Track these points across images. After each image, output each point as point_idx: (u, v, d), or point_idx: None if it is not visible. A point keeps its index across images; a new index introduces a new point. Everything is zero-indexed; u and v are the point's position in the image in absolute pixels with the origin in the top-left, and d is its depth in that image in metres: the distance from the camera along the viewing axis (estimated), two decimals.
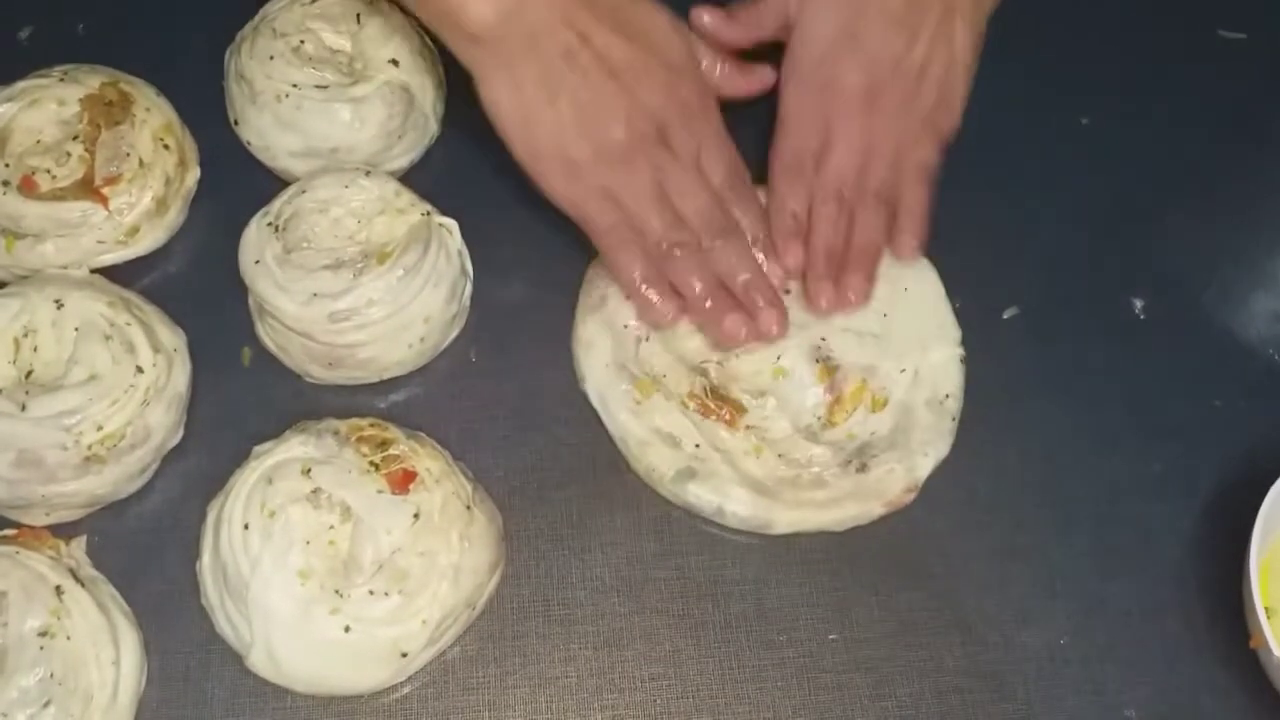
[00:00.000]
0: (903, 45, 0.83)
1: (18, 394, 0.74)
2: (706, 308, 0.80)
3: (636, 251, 0.80)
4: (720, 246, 0.80)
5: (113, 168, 0.83)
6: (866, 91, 0.83)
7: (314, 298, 0.77)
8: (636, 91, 0.78)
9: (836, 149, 0.83)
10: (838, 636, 0.76)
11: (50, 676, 0.68)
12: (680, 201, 0.80)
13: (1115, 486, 0.80)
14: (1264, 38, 0.98)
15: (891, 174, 0.83)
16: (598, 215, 0.79)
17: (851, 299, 0.81)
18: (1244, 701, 0.74)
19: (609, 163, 0.78)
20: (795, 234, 0.82)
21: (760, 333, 0.80)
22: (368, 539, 0.71)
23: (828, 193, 0.83)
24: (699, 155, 0.81)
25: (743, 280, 0.80)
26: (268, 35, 0.87)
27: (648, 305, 0.80)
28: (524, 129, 0.78)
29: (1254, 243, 0.91)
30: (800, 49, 0.85)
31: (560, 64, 0.76)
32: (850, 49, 0.83)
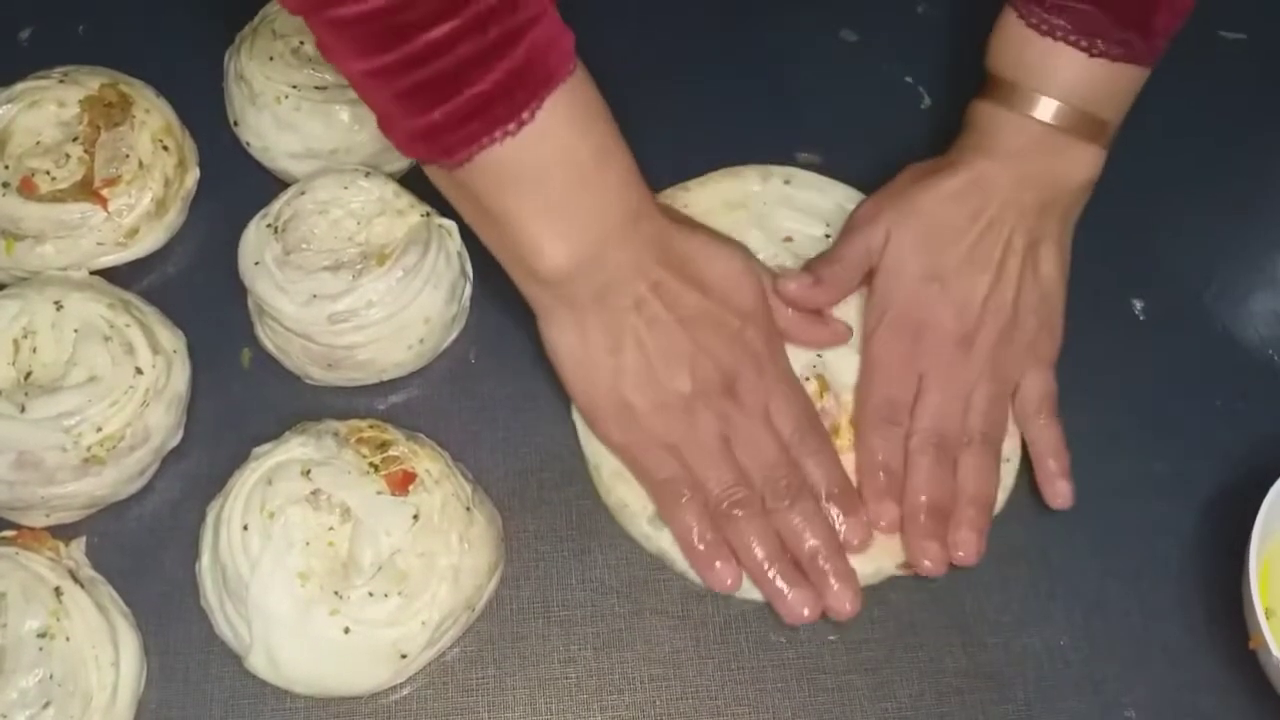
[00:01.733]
0: (989, 282, 0.80)
1: (17, 395, 0.74)
2: (768, 578, 0.75)
3: (694, 509, 0.76)
4: (788, 509, 0.75)
5: (112, 169, 0.83)
6: (960, 333, 0.79)
7: (313, 299, 0.78)
8: (704, 341, 0.76)
9: (932, 394, 0.79)
10: (837, 638, 0.75)
11: (50, 677, 0.68)
12: (745, 456, 0.76)
13: (1115, 486, 0.80)
14: (1264, 38, 0.98)
15: (997, 414, 0.79)
16: (655, 467, 0.76)
17: (962, 556, 0.76)
18: (1244, 701, 0.74)
19: (671, 413, 0.76)
20: (887, 491, 0.77)
21: (830, 610, 0.74)
22: (367, 540, 0.71)
23: (925, 440, 0.78)
24: (767, 405, 0.77)
25: (810, 548, 0.75)
26: (267, 36, 0.87)
27: (708, 570, 0.76)
28: (584, 373, 0.76)
29: (1254, 243, 0.91)
30: (885, 294, 0.81)
31: (629, 313, 0.74)
32: (938, 292, 0.80)
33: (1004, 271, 0.80)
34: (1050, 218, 0.81)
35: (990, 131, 0.81)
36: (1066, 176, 0.81)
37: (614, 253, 0.73)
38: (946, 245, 0.80)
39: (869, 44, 0.98)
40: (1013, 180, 0.80)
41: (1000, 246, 0.80)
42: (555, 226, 0.71)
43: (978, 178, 0.80)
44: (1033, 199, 0.80)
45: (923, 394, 0.79)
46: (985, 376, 0.79)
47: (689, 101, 0.93)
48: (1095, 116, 0.80)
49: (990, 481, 0.78)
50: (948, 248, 0.80)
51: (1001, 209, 0.80)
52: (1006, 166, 0.80)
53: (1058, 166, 0.80)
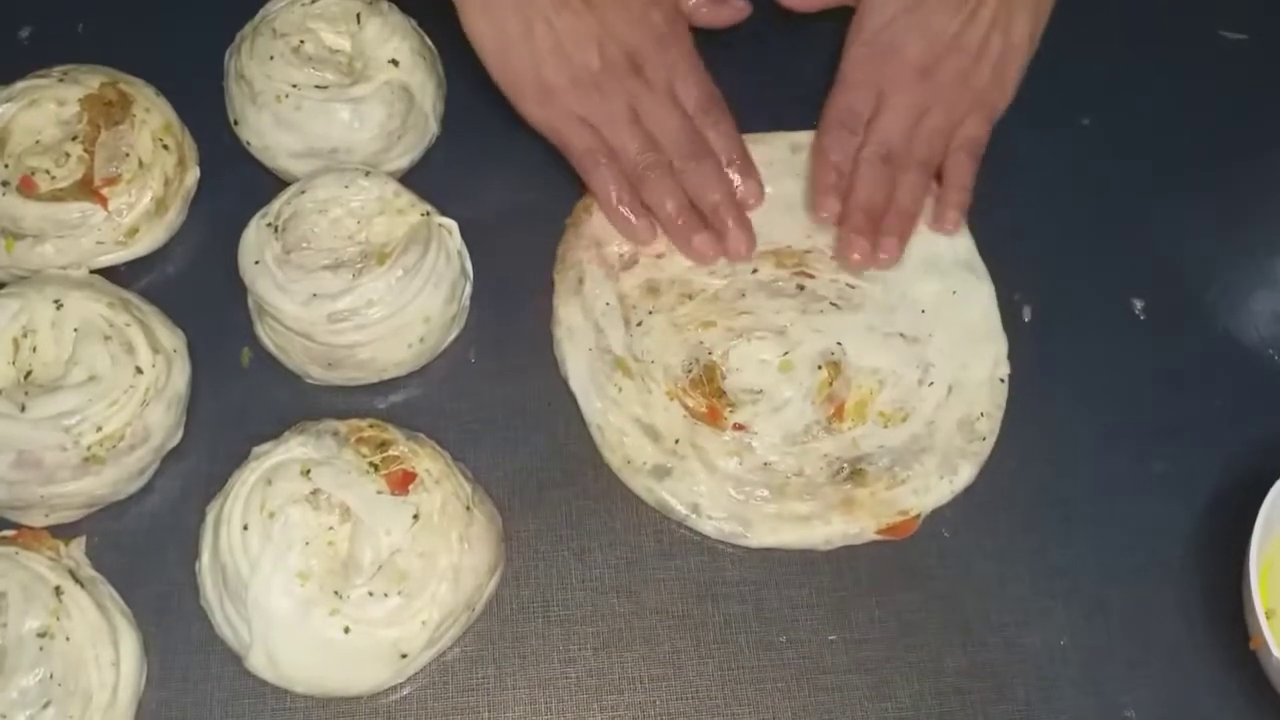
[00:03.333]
0: (961, 23, 0.87)
1: (17, 395, 0.74)
2: (678, 226, 0.84)
3: (611, 173, 0.84)
4: (692, 169, 0.84)
5: (112, 168, 0.83)
6: (923, 63, 0.87)
7: (313, 298, 0.77)
8: (610, 20, 0.84)
9: (887, 112, 0.86)
10: (837, 638, 0.75)
11: (50, 677, 0.68)
12: (653, 125, 0.84)
13: (1115, 486, 0.80)
14: (1265, 38, 0.98)
15: (939, 144, 0.86)
16: (573, 139, 0.84)
17: (884, 258, 0.83)
18: (1244, 701, 0.74)
19: (583, 89, 0.83)
20: (834, 187, 0.84)
21: (728, 250, 0.84)
22: (367, 540, 0.71)
23: (873, 152, 0.85)
24: (672, 82, 0.86)
25: (712, 200, 0.84)
26: (268, 35, 0.87)
27: (625, 224, 0.84)
28: (502, 57, 0.84)
29: (1254, 243, 0.91)
30: (865, 15, 0.89)
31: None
32: (912, 21, 0.88)
33: (977, 15, 0.87)
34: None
35: None
36: None
37: None
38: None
39: None
40: None
41: (986, 5, 0.87)
42: None
43: None
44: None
45: (879, 111, 0.86)
46: (936, 107, 0.86)
47: None
48: None
49: (919, 201, 0.85)
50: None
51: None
52: None
53: None
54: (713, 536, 0.78)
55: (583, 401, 0.82)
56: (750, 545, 0.78)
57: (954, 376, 0.82)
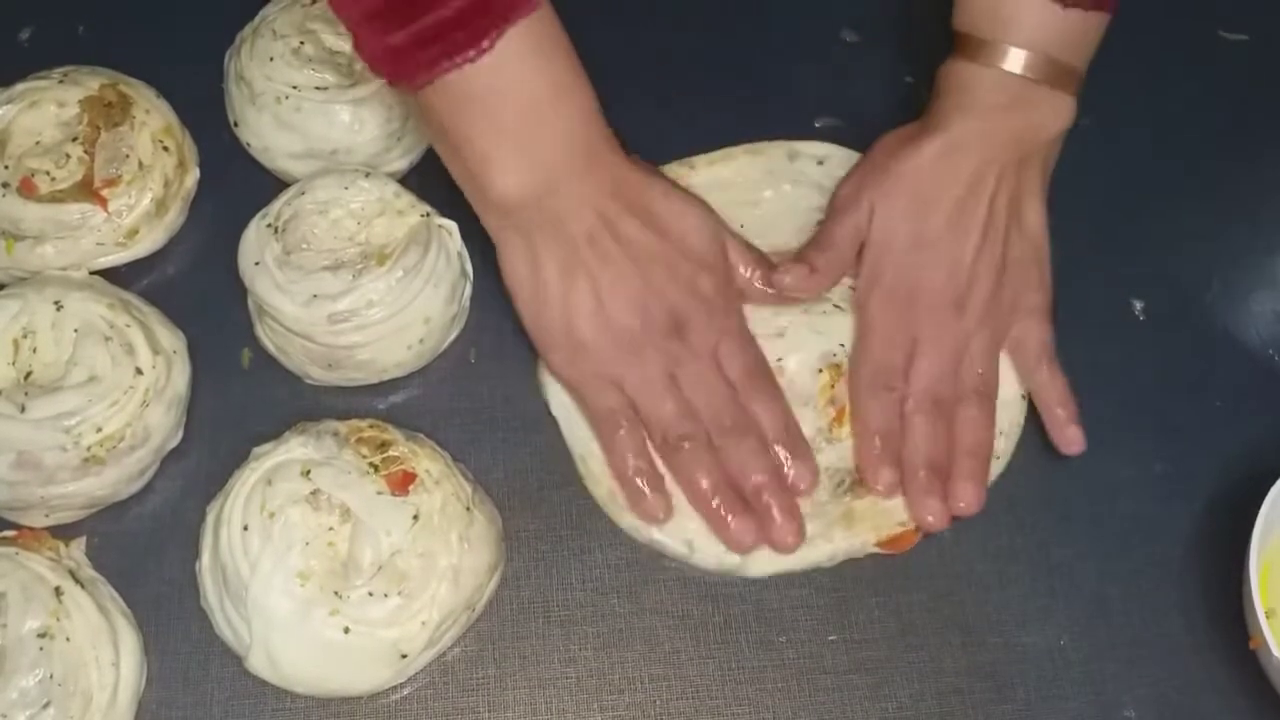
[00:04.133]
0: (976, 243, 0.80)
1: (17, 395, 0.74)
2: (712, 506, 0.76)
3: (632, 442, 0.77)
4: (734, 444, 0.76)
5: (112, 169, 0.83)
6: (952, 296, 0.80)
7: (313, 299, 0.77)
8: (656, 282, 0.77)
9: (928, 357, 0.79)
10: (837, 637, 0.75)
11: (50, 677, 0.68)
12: (692, 394, 0.77)
13: (1115, 486, 0.80)
14: (1264, 38, 0.98)
15: (990, 367, 0.80)
16: (596, 398, 0.78)
17: (963, 507, 0.77)
18: (1244, 701, 0.74)
19: (618, 349, 0.77)
20: (883, 458, 0.78)
21: (773, 541, 0.76)
22: (367, 540, 0.71)
23: (921, 402, 0.78)
24: (716, 348, 0.79)
25: (755, 482, 0.76)
26: (267, 37, 0.87)
27: (639, 498, 0.77)
28: (535, 304, 0.77)
29: (1254, 243, 0.91)
30: (874, 266, 0.82)
31: (582, 246, 0.75)
32: (926, 258, 0.80)
33: (990, 229, 0.80)
34: (1030, 170, 0.82)
35: (965, 90, 0.81)
36: (1043, 127, 0.81)
37: (566, 185, 0.74)
38: (932, 210, 0.81)
39: (869, 44, 0.98)
40: (992, 137, 0.80)
41: (985, 205, 0.80)
42: (509, 155, 0.73)
43: (957, 139, 0.81)
44: (1012, 153, 0.81)
45: (917, 358, 0.80)
46: (978, 333, 0.80)
47: (688, 101, 0.93)
48: (1068, 65, 0.81)
49: (987, 432, 0.79)
50: (933, 212, 0.80)
51: (983, 166, 0.80)
52: (984, 123, 0.81)
53: (1034, 118, 0.81)
54: (714, 571, 0.77)
55: (565, 428, 0.80)
56: (752, 576, 0.77)
57: None
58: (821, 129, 0.92)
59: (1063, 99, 0.81)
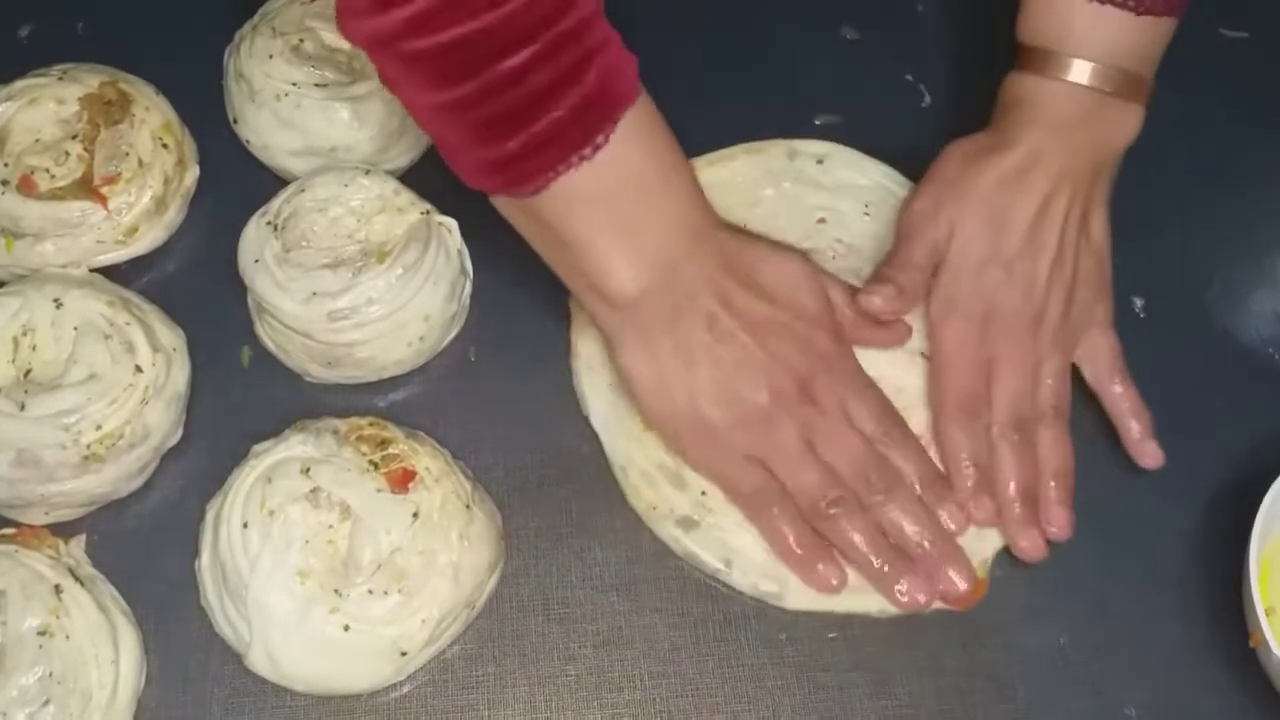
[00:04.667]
0: (1050, 260, 0.79)
1: (17, 393, 0.74)
2: (875, 568, 0.75)
3: (788, 517, 0.76)
4: (882, 500, 0.75)
5: (111, 167, 0.83)
6: (1029, 316, 0.79)
7: (313, 296, 0.77)
8: (776, 350, 0.75)
9: (1008, 381, 0.79)
10: (837, 635, 0.75)
11: (49, 675, 0.68)
12: (832, 456, 0.76)
13: (1115, 486, 0.80)
14: (1265, 38, 0.98)
15: (1065, 386, 0.80)
16: (742, 480, 0.76)
17: (1055, 532, 0.76)
18: (1244, 701, 0.74)
19: (752, 425, 0.75)
20: (981, 487, 0.77)
21: (947, 595, 0.75)
22: (367, 538, 0.71)
23: (1005, 427, 0.78)
24: (845, 405, 0.77)
25: (913, 534, 0.75)
26: (267, 34, 0.87)
27: (809, 572, 0.75)
28: (661, 395, 0.75)
29: (1254, 242, 0.91)
30: (951, 284, 0.81)
31: (700, 330, 0.74)
32: (1003, 278, 0.79)
33: (1064, 246, 0.80)
34: (1100, 182, 0.82)
35: (1038, 103, 0.81)
36: (1114, 139, 0.81)
37: (682, 269, 0.73)
38: (1009, 229, 0.80)
39: (869, 42, 0.98)
40: (1067, 151, 0.80)
41: (1059, 221, 0.80)
42: (624, 248, 0.72)
43: (1032, 153, 0.80)
44: (1086, 166, 0.80)
45: (998, 381, 0.79)
46: (1052, 352, 0.79)
47: (687, 101, 0.92)
48: (1137, 75, 0.80)
49: (1068, 453, 0.78)
50: (1010, 230, 0.80)
51: (1058, 182, 0.80)
52: (1059, 137, 0.80)
53: (1107, 130, 0.81)
54: (748, 594, 0.76)
55: (606, 441, 0.80)
56: (787, 608, 0.76)
57: None
58: (822, 126, 0.92)
59: (1133, 109, 0.80)
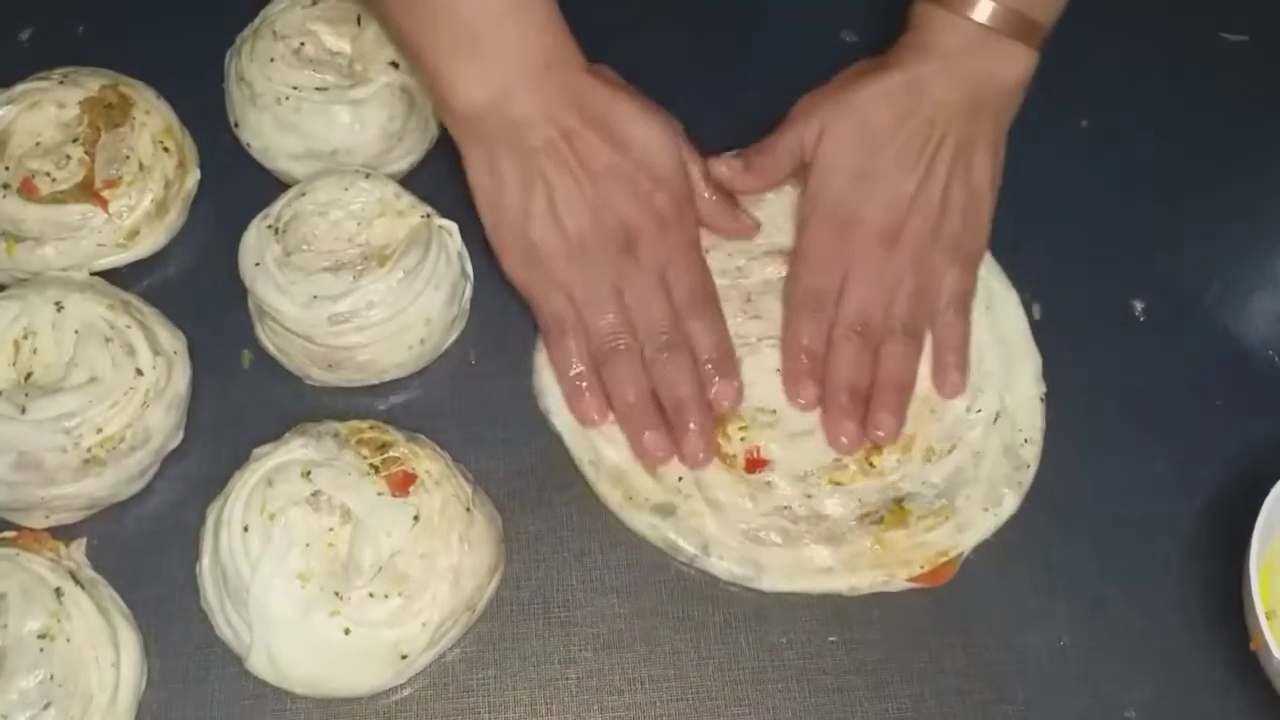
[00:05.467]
0: (918, 180, 0.82)
1: (17, 396, 0.74)
2: (631, 416, 0.79)
3: (576, 348, 0.80)
4: (663, 360, 0.79)
5: (112, 170, 0.83)
6: (886, 229, 0.81)
7: (314, 300, 0.78)
8: (610, 195, 0.79)
9: (857, 285, 0.81)
10: (837, 638, 0.75)
11: (50, 678, 0.68)
12: (634, 308, 0.80)
13: (1115, 486, 0.80)
14: (1264, 39, 0.98)
15: (920, 306, 0.82)
16: (546, 302, 0.80)
17: (881, 435, 0.79)
18: (1244, 702, 0.74)
19: (569, 258, 0.79)
20: (808, 372, 0.80)
21: (684, 455, 0.78)
22: (367, 541, 0.71)
23: (849, 328, 0.80)
24: (665, 268, 0.81)
25: (676, 396, 0.79)
26: (268, 37, 0.87)
27: (577, 399, 0.80)
28: (494, 210, 0.80)
29: (1254, 243, 0.91)
30: (817, 190, 0.83)
31: (540, 156, 0.78)
32: (867, 189, 0.82)
33: (932, 171, 0.82)
34: (982, 119, 0.83)
35: (928, 30, 0.83)
36: (999, 78, 0.83)
37: (524, 95, 0.77)
38: (878, 144, 0.82)
39: (869, 44, 0.97)
40: (947, 81, 0.82)
41: (931, 147, 0.82)
42: (465, 64, 0.76)
43: (913, 79, 0.82)
44: (965, 99, 0.82)
45: (847, 285, 0.81)
46: (909, 271, 0.81)
47: (686, 102, 0.93)
48: (1028, 17, 0.82)
49: (910, 368, 0.81)
50: (879, 147, 0.82)
51: (935, 110, 0.82)
52: (943, 67, 0.82)
53: (991, 67, 0.82)
54: (723, 579, 0.77)
55: (569, 440, 0.80)
56: (764, 590, 0.77)
57: (1001, 400, 0.81)
58: None
59: (1023, 51, 0.82)
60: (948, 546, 0.77)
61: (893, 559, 0.76)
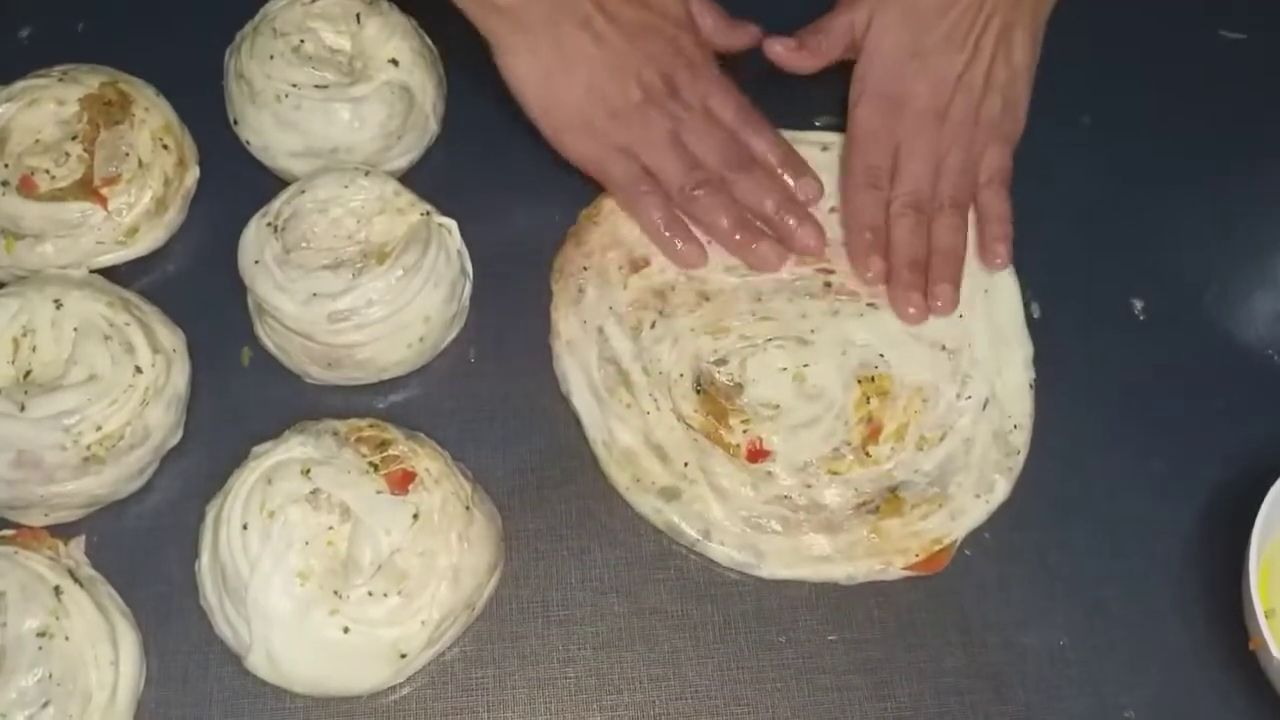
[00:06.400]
0: (965, 60, 0.87)
1: (16, 394, 0.74)
2: (737, 240, 0.84)
3: (656, 200, 0.84)
4: (743, 178, 0.84)
5: (112, 168, 0.83)
6: (934, 107, 0.86)
7: (313, 298, 0.77)
8: (646, 50, 0.85)
9: (909, 162, 0.86)
10: (837, 637, 0.75)
11: (49, 677, 0.68)
12: (696, 145, 0.85)
13: (1115, 486, 0.80)
14: (1265, 38, 0.98)
15: (965, 181, 0.86)
16: (615, 169, 0.84)
17: (940, 305, 0.82)
18: (1244, 702, 0.74)
19: (625, 120, 0.84)
20: (873, 247, 0.84)
21: (798, 247, 0.84)
22: (367, 540, 0.71)
23: (905, 204, 0.84)
24: (707, 101, 0.86)
25: (769, 205, 0.84)
26: (267, 35, 0.87)
27: (673, 250, 0.84)
28: (543, 95, 0.84)
29: (1254, 243, 0.91)
30: (867, 70, 0.89)
31: (577, 31, 0.83)
32: (916, 68, 0.87)
33: (978, 51, 0.87)
34: (1025, 3, 0.88)
35: None
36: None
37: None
38: (926, 24, 0.87)
39: None
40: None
41: (977, 27, 0.87)
42: None
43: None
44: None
45: (901, 162, 0.86)
46: (956, 146, 0.86)
47: None
48: None
49: (960, 239, 0.85)
50: (927, 27, 0.87)
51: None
52: None
53: None
54: (723, 564, 0.77)
55: (586, 419, 0.81)
56: (763, 577, 0.77)
57: (990, 387, 0.81)
58: (822, 127, 0.91)
59: None
60: (942, 534, 0.77)
61: (889, 547, 0.77)
